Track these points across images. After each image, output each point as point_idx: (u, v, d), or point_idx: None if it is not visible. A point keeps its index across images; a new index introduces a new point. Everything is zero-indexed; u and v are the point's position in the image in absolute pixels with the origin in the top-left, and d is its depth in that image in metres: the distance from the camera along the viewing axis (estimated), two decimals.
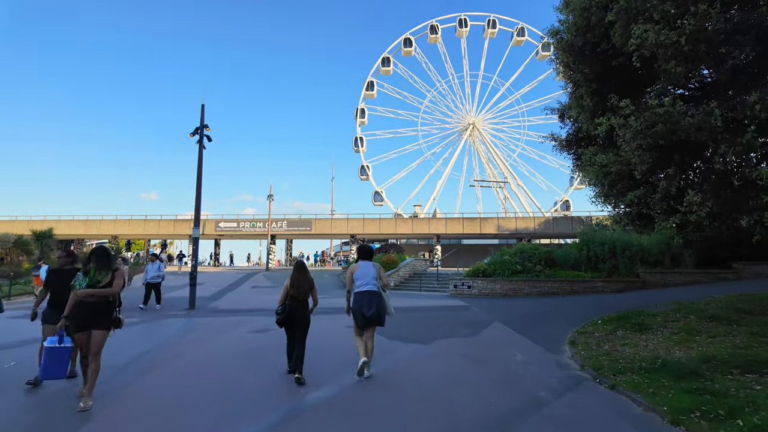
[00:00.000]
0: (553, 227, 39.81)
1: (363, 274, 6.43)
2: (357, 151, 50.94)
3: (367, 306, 6.25)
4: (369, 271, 6.46)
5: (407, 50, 53.00)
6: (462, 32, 53.90)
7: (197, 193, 15.59)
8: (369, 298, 6.29)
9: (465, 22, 53.81)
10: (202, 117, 15.64)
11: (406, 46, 52.92)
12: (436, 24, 53.67)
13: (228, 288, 23.10)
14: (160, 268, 14.91)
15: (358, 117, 51.52)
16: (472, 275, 18.24)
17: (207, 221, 44.30)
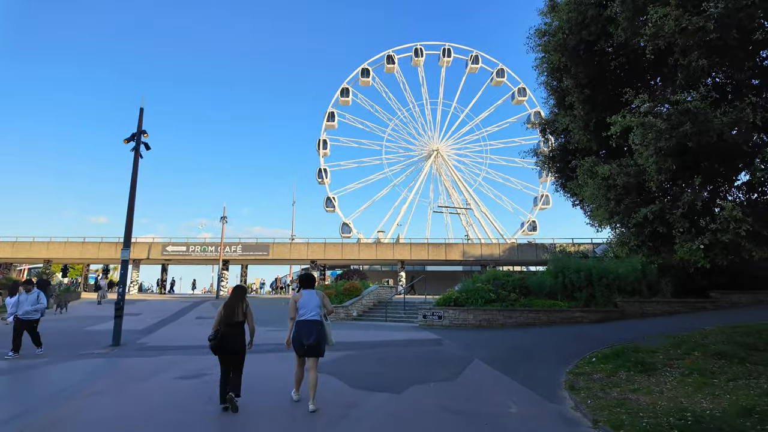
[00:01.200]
0: (518, 254, 39.24)
1: (306, 302, 6.31)
2: (321, 182, 49.40)
3: (306, 335, 6.11)
4: (312, 300, 6.35)
5: (365, 80, 52.69)
6: (418, 61, 54.51)
7: (129, 206, 13.39)
8: (309, 328, 6.16)
9: (420, 52, 54.47)
10: (140, 122, 13.62)
11: (364, 76, 52.61)
12: (392, 54, 54.02)
13: (168, 319, 20.46)
14: (39, 300, 10.92)
15: (321, 149, 50.21)
16: (443, 304, 16.71)
17: (153, 244, 40.94)
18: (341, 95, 51.73)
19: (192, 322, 19.58)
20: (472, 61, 54.17)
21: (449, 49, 54.52)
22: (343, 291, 21.62)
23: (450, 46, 54.78)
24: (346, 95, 51.71)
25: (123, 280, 13.41)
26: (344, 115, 52.82)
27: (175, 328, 17.16)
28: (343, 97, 51.72)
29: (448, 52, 54.48)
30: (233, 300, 6.39)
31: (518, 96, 53.64)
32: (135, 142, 13.44)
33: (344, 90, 51.99)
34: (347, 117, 53.17)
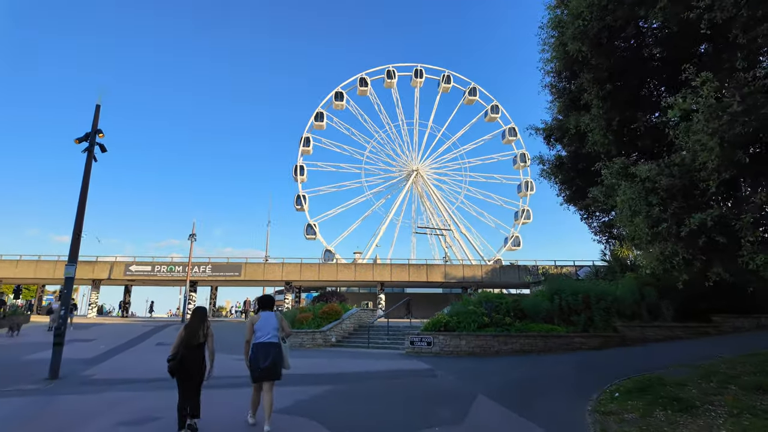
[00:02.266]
0: (501, 276, 38.28)
1: (264, 324, 6.24)
2: (300, 209, 47.79)
3: (263, 357, 6.03)
4: (270, 322, 6.27)
5: (339, 104, 52.04)
6: (391, 83, 54.39)
7: (78, 215, 11.63)
8: (267, 350, 6.07)
9: (393, 74, 54.40)
10: (96, 120, 12.00)
11: (338, 100, 51.98)
12: (365, 77, 53.78)
13: (124, 346, 18.29)
14: None
15: (298, 174, 48.76)
16: (432, 329, 15.30)
17: (116, 264, 38.23)
18: (315, 120, 50.72)
19: (151, 348, 17.50)
20: (444, 80, 54.46)
21: (421, 70, 54.78)
22: (321, 314, 19.95)
23: (422, 66, 55.04)
24: (320, 119, 50.70)
25: (66, 300, 11.49)
26: (320, 140, 51.91)
27: (130, 357, 15.13)
28: (317, 122, 50.68)
29: (420, 72, 54.77)
30: (194, 322, 6.20)
31: (491, 113, 54.10)
32: (88, 142, 11.78)
33: (318, 114, 51.03)
34: (323, 141, 52.28)
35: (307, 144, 49.92)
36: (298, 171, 48.74)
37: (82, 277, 38.28)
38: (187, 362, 5.89)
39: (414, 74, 54.29)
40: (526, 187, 52.48)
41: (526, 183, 52.69)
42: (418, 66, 54.86)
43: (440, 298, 47.60)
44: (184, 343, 5.97)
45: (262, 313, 6.43)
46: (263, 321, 6.25)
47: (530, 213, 51.85)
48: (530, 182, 52.55)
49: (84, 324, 28.75)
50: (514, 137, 53.71)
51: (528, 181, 52.67)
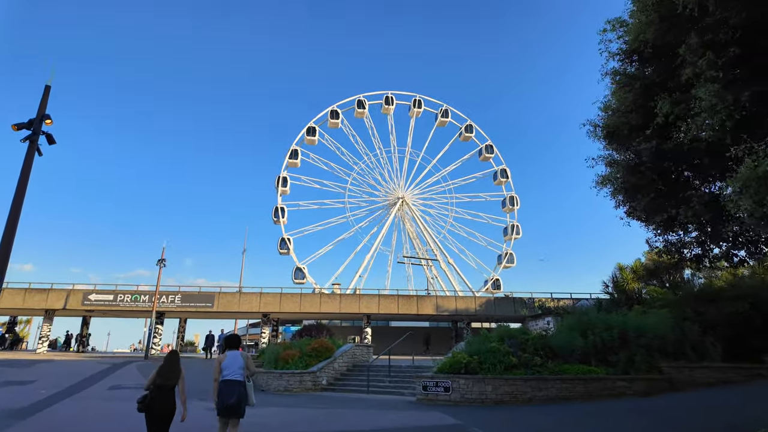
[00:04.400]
0: (495, 309, 36.01)
1: (230, 363, 6.53)
2: (277, 222, 44.84)
3: (228, 395, 6.30)
4: (236, 361, 6.56)
5: (333, 122, 50.38)
6: (388, 109, 53.34)
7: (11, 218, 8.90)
8: (232, 388, 6.36)
9: (391, 100, 53.50)
10: (44, 104, 9.50)
11: (333, 118, 50.37)
12: (363, 99, 52.61)
13: (70, 390, 15.03)
14: None
15: (280, 186, 46.17)
16: (449, 371, 12.80)
17: (73, 292, 34.29)
18: (307, 134, 48.81)
19: (101, 395, 14.30)
20: (442, 114, 53.61)
21: (420, 100, 53.87)
22: (310, 351, 17.19)
23: (421, 97, 54.16)
24: (312, 134, 48.87)
25: None
26: (308, 155, 49.66)
27: (73, 406, 12.01)
28: (309, 136, 48.76)
29: (418, 103, 53.84)
30: (168, 365, 6.37)
31: (485, 153, 53.31)
32: (32, 130, 9.22)
33: (311, 129, 49.27)
34: (311, 156, 50.05)
35: (284, 184, 46.58)
36: (280, 182, 45.76)
37: (33, 307, 34.20)
38: (158, 404, 6.06)
39: (413, 104, 53.08)
40: (512, 202, 51.27)
41: (511, 198, 51.49)
42: (417, 96, 53.69)
43: (427, 332, 44.91)
44: (157, 385, 6.14)
45: (228, 352, 6.73)
46: (229, 360, 6.57)
47: (514, 257, 50.17)
48: (515, 197, 51.44)
49: (28, 361, 24.87)
50: (492, 153, 52.89)
51: (513, 196, 51.51)
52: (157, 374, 6.26)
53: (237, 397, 6.30)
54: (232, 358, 6.58)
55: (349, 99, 52.17)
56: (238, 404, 6.30)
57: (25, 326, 63.70)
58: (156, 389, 6.13)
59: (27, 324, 65.60)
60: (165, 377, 6.22)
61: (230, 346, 6.87)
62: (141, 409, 6.09)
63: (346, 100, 52.02)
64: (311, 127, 49.16)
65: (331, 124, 50.57)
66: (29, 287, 34.51)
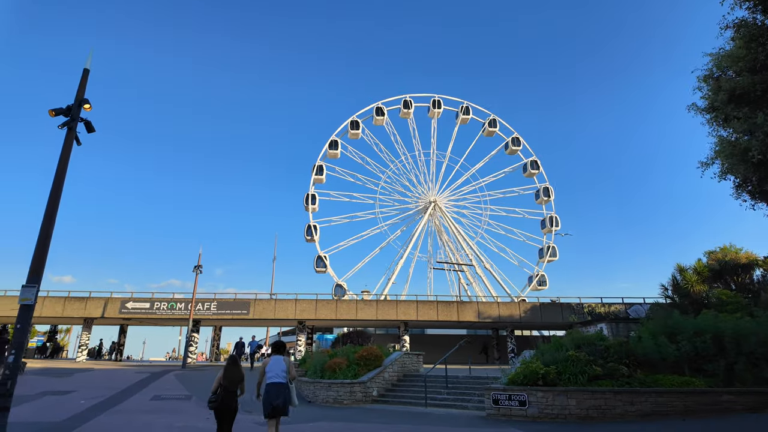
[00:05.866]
0: (542, 315, 34.04)
1: (273, 367, 7.13)
2: (310, 240, 44.31)
3: (274, 396, 6.90)
4: (279, 365, 7.13)
5: (354, 132, 49.58)
6: (407, 113, 52.25)
7: (48, 211, 8.06)
8: (277, 390, 6.95)
9: (410, 104, 52.36)
10: (82, 89, 8.69)
11: (353, 129, 49.58)
12: (381, 106, 51.76)
13: (111, 401, 14.25)
14: None
15: (309, 204, 45.62)
16: (523, 382, 11.34)
17: (111, 300, 34.25)
18: (330, 148, 48.09)
19: (144, 407, 13.44)
20: (463, 112, 52.37)
21: (439, 100, 52.66)
22: (359, 360, 15.97)
23: (439, 97, 52.99)
24: (334, 148, 48.16)
25: (19, 340, 7.70)
26: (334, 168, 49.10)
27: (114, 420, 11.12)
28: (331, 150, 48.00)
29: (438, 103, 52.64)
30: (232, 369, 7.18)
31: (512, 145, 51.63)
32: (70, 116, 8.40)
33: (333, 143, 48.57)
34: (337, 170, 49.44)
35: (320, 172, 46.98)
36: (309, 200, 45.49)
37: (72, 315, 34.29)
38: (226, 403, 6.99)
39: (432, 105, 52.08)
40: (551, 222, 49.06)
41: (551, 218, 49.29)
42: (435, 97, 52.79)
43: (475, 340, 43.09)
44: (224, 387, 7.02)
45: (272, 357, 7.30)
46: (273, 364, 7.17)
47: (556, 250, 48.17)
48: (555, 217, 49.21)
49: (68, 370, 24.55)
50: (537, 170, 50.86)
51: (553, 216, 49.31)
52: (223, 377, 7.09)
53: (283, 398, 6.94)
54: (276, 363, 7.19)
55: (396, 98, 51.55)
56: (284, 405, 6.94)
57: (65, 335, 64.96)
58: (222, 390, 7.00)
59: (67, 333, 66.94)
60: (229, 380, 7.06)
61: (275, 351, 7.50)
62: (212, 407, 7.02)
63: (393, 98, 51.45)
64: (333, 141, 48.54)
65: (352, 135, 49.86)
66: (68, 296, 34.70)
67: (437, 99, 52.85)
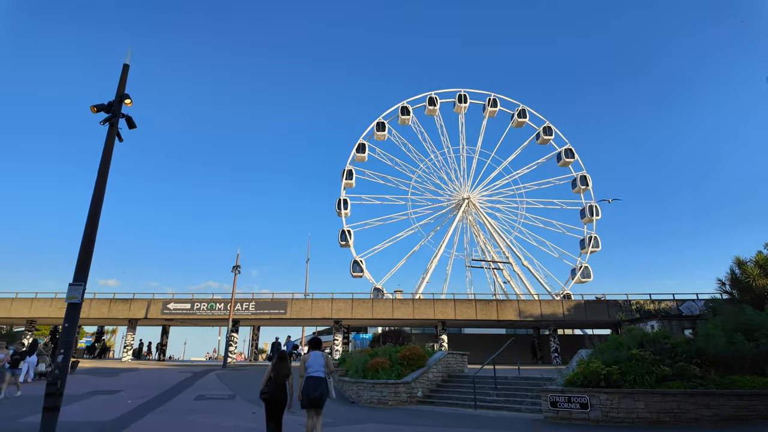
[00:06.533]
0: (587, 313, 32.62)
1: (313, 362, 7.50)
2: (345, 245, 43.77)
3: (313, 389, 7.28)
4: (318, 361, 7.52)
5: (380, 134, 48.31)
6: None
7: (92, 212, 7.95)
8: (316, 383, 7.33)
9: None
10: (122, 85, 8.59)
11: (380, 130, 48.65)
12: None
13: (157, 400, 14.31)
14: None
15: (342, 209, 45.41)
16: (583, 384, 10.56)
17: (153, 301, 35.12)
18: (357, 151, 47.70)
19: (189, 406, 13.40)
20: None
21: (495, 99, 51.14)
22: (401, 359, 15.49)
23: (497, 96, 51.48)
24: (362, 151, 47.70)
25: (67, 339, 7.59)
26: (374, 149, 48.75)
27: (161, 420, 11.05)
28: (359, 153, 47.63)
29: (494, 102, 51.19)
30: (280, 363, 7.65)
31: (544, 135, 49.83)
32: (111, 112, 8.29)
33: (380, 124, 48.41)
34: (377, 152, 49.06)
35: (349, 177, 46.79)
36: (341, 205, 45.34)
37: (117, 317, 35.38)
38: (277, 395, 7.42)
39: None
40: (591, 211, 46.95)
41: (590, 207, 47.19)
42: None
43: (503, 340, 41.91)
44: (274, 380, 7.47)
45: (312, 352, 7.76)
46: (313, 359, 7.56)
47: (599, 240, 46.11)
48: (595, 206, 47.08)
49: (115, 369, 25.20)
50: (572, 158, 48.93)
51: (593, 206, 47.18)
52: (272, 371, 7.54)
53: (320, 391, 7.29)
54: (315, 358, 7.56)
55: (421, 96, 50.76)
56: (321, 397, 7.29)
57: (111, 336, 67.54)
58: (273, 384, 7.42)
59: (113, 333, 69.61)
60: (278, 374, 7.49)
61: (313, 347, 7.92)
62: (264, 399, 7.44)
63: (417, 96, 50.68)
64: (380, 123, 48.28)
65: (401, 121, 49.40)
66: (114, 297, 35.80)
67: (463, 93, 51.58)
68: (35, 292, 36.32)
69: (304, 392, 7.28)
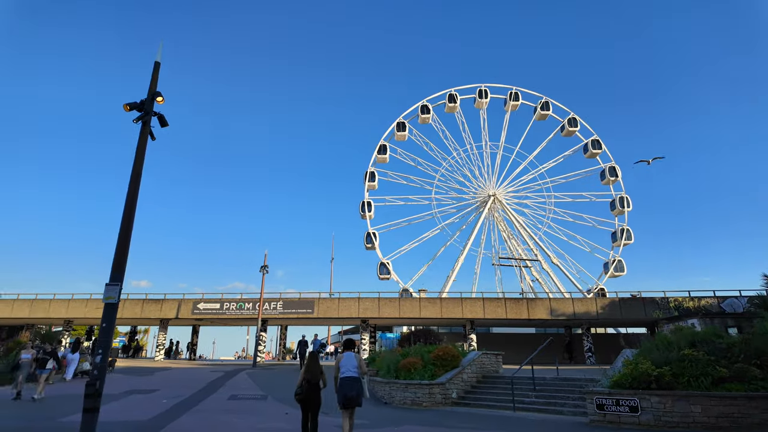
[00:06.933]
0: (622, 311, 31.50)
1: (346, 363, 7.71)
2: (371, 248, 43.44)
3: (348, 388, 7.47)
4: (351, 361, 7.71)
5: (401, 134, 47.88)
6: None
7: (126, 213, 7.89)
8: (351, 383, 7.52)
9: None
10: (154, 82, 8.52)
11: (400, 130, 48.09)
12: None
13: (191, 399, 14.35)
14: None
15: (366, 211, 45.02)
16: (631, 386, 10.01)
17: (184, 301, 35.69)
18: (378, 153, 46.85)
19: (223, 405, 13.37)
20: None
21: (517, 93, 49.75)
22: (435, 359, 15.12)
23: (518, 90, 50.16)
24: (383, 152, 46.77)
25: (105, 339, 7.55)
26: (396, 150, 48.39)
27: (197, 420, 11.00)
28: (380, 155, 46.82)
29: (515, 96, 49.83)
30: (312, 365, 7.85)
31: (569, 126, 48.23)
32: (143, 110, 8.22)
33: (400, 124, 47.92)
34: (399, 152, 48.63)
35: (372, 179, 46.29)
36: (365, 207, 44.95)
37: (150, 317, 36.09)
38: (310, 395, 7.59)
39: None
40: (622, 203, 45.34)
41: (621, 198, 45.56)
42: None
43: (531, 340, 40.93)
44: (307, 381, 7.63)
45: (345, 353, 7.89)
46: (346, 360, 7.75)
47: (631, 233, 44.52)
48: (626, 198, 45.43)
49: (149, 369, 25.64)
50: (599, 150, 47.37)
51: (623, 197, 45.54)
52: (305, 372, 7.76)
53: (356, 391, 7.50)
54: (348, 359, 7.75)
55: (440, 93, 50.09)
56: (357, 396, 7.50)
57: (143, 335, 69.32)
58: (306, 384, 7.62)
59: (145, 333, 71.42)
60: (311, 374, 7.72)
61: (346, 348, 8.10)
62: (299, 400, 7.65)
63: (437, 94, 50.02)
64: (401, 123, 47.86)
65: (421, 120, 48.90)
66: (146, 298, 36.55)
67: (483, 88, 50.42)
68: (71, 293, 37.32)
69: (340, 392, 7.49)
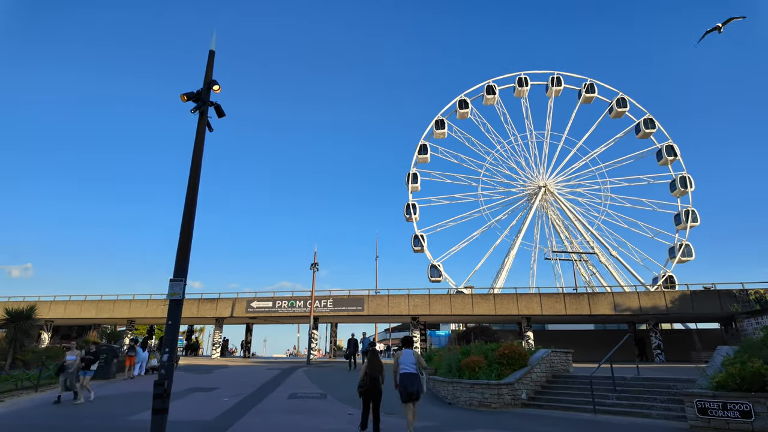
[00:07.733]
0: (693, 305, 29.12)
1: (405, 359, 8.26)
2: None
3: (409, 384, 7.99)
4: (409, 358, 8.27)
5: (463, 112, 47.03)
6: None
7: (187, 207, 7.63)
8: (411, 379, 8.04)
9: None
10: (209, 71, 8.25)
11: (462, 108, 47.10)
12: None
13: (251, 398, 14.23)
14: None
15: (410, 182, 44.59)
16: (741, 387, 8.78)
17: (238, 300, 36.44)
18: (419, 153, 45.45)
19: (284, 404, 13.13)
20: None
21: (559, 77, 47.65)
22: (500, 357, 14.23)
23: (559, 74, 48.08)
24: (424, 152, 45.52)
25: (171, 337, 7.31)
26: (437, 148, 47.36)
27: (261, 420, 10.75)
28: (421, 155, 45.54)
29: (557, 81, 47.66)
30: (373, 361, 8.48)
31: (617, 108, 45.33)
32: (200, 101, 7.95)
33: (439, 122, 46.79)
34: (440, 150, 47.54)
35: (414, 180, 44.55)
36: (410, 210, 43.68)
37: (205, 316, 37.08)
38: (372, 388, 8.32)
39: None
40: (683, 183, 41.94)
41: (682, 178, 42.15)
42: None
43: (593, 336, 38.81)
44: (369, 375, 8.33)
45: (404, 350, 8.45)
46: (405, 356, 8.28)
47: (696, 214, 41.15)
48: (687, 177, 42.02)
49: (207, 366, 26.17)
50: (653, 129, 44.03)
51: (684, 176, 42.11)
52: (367, 367, 8.40)
53: (417, 386, 8.00)
54: (407, 356, 8.27)
55: (478, 86, 48.49)
56: (418, 391, 8.01)
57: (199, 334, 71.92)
58: (368, 378, 8.26)
59: (201, 332, 74.12)
60: (373, 369, 8.36)
61: (405, 345, 8.60)
62: (362, 392, 8.33)
63: (475, 87, 48.43)
64: (439, 120, 46.82)
65: (460, 115, 47.63)
66: (201, 297, 37.58)
67: (557, 76, 48.19)
68: (132, 294, 38.97)
69: (401, 387, 8.00)
